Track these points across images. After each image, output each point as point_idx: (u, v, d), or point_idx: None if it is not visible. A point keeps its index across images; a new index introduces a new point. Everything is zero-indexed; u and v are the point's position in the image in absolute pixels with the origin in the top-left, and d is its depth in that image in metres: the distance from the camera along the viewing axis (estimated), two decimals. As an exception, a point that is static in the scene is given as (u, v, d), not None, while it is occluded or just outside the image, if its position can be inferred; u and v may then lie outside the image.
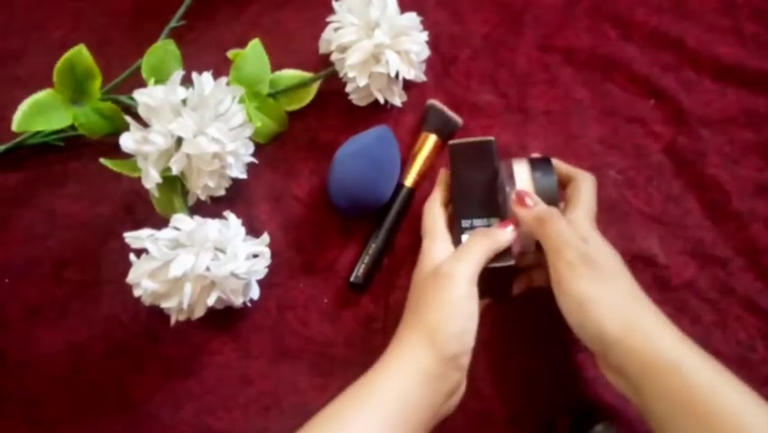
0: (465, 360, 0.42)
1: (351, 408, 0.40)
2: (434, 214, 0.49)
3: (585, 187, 0.47)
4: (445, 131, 0.58)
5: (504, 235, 0.46)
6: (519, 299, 0.51)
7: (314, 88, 0.60)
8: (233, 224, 0.51)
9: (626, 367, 0.40)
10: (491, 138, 0.51)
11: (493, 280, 0.46)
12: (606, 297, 0.40)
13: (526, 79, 0.60)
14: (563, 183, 0.49)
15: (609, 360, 0.41)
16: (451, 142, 0.52)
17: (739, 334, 0.52)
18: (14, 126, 0.54)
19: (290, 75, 0.60)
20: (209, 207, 0.55)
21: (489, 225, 0.48)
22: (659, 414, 0.39)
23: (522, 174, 0.47)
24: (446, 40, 0.62)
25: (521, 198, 0.46)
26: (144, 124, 0.50)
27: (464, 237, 0.47)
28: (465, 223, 0.49)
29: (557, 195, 0.47)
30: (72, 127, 0.56)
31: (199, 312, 0.49)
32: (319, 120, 0.60)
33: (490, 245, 0.45)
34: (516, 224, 0.46)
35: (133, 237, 0.48)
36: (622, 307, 0.40)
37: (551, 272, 0.43)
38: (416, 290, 0.45)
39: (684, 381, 0.37)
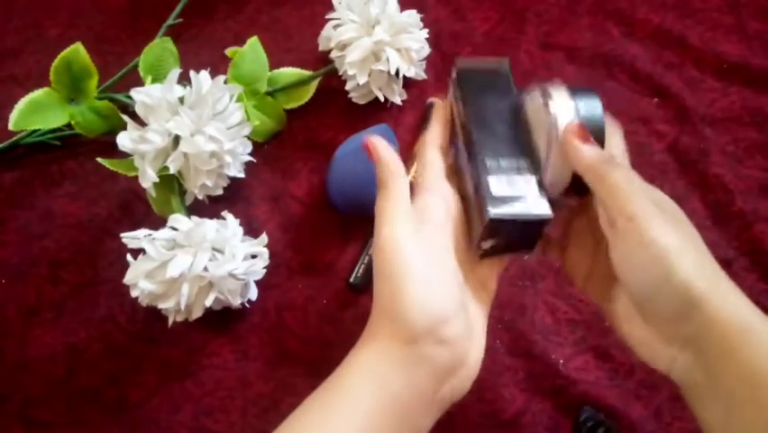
0: (447, 330, 0.34)
1: (320, 415, 0.34)
2: (434, 163, 0.40)
3: (615, 141, 0.39)
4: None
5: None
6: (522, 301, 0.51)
7: (313, 86, 0.59)
8: (231, 224, 0.50)
9: (704, 335, 0.33)
10: (506, 59, 0.42)
11: (517, 234, 0.37)
12: (690, 248, 0.33)
13: (528, 77, 0.60)
14: None
15: (683, 327, 0.33)
16: (459, 59, 0.43)
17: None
18: (11, 125, 0.54)
19: (289, 73, 0.59)
20: (207, 207, 0.55)
21: (519, 169, 0.38)
22: (730, 394, 0.32)
23: (563, 105, 0.37)
24: (447, 37, 0.61)
25: (584, 132, 0.35)
26: (141, 123, 0.50)
27: (491, 180, 0.37)
28: (491, 162, 0.38)
29: (605, 133, 0.37)
30: (69, 126, 0.55)
31: (197, 313, 0.49)
32: (318, 118, 0.60)
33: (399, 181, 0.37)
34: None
35: (130, 237, 0.47)
36: (706, 262, 0.34)
37: (619, 223, 0.34)
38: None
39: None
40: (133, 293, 0.47)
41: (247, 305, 0.53)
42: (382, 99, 0.57)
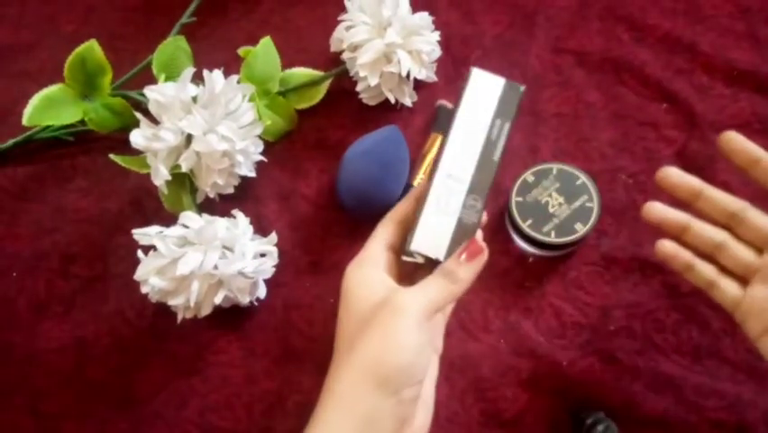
0: (410, 393, 0.37)
1: None
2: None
3: None
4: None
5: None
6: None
7: (324, 87, 0.60)
8: (241, 222, 0.51)
9: None
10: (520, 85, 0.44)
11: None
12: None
13: (538, 81, 0.60)
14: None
15: None
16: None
17: (748, 341, 0.52)
18: (25, 120, 0.54)
19: (301, 73, 0.60)
20: (218, 205, 0.55)
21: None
22: None
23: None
24: (457, 40, 0.62)
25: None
26: (154, 121, 0.50)
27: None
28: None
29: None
30: (82, 122, 0.56)
31: (206, 310, 0.49)
32: (329, 119, 0.60)
33: (452, 293, 0.38)
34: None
35: (142, 234, 0.48)
36: None
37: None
38: (357, 318, 0.39)
39: None
40: (144, 289, 0.48)
41: (255, 303, 0.53)
42: (393, 101, 0.58)
